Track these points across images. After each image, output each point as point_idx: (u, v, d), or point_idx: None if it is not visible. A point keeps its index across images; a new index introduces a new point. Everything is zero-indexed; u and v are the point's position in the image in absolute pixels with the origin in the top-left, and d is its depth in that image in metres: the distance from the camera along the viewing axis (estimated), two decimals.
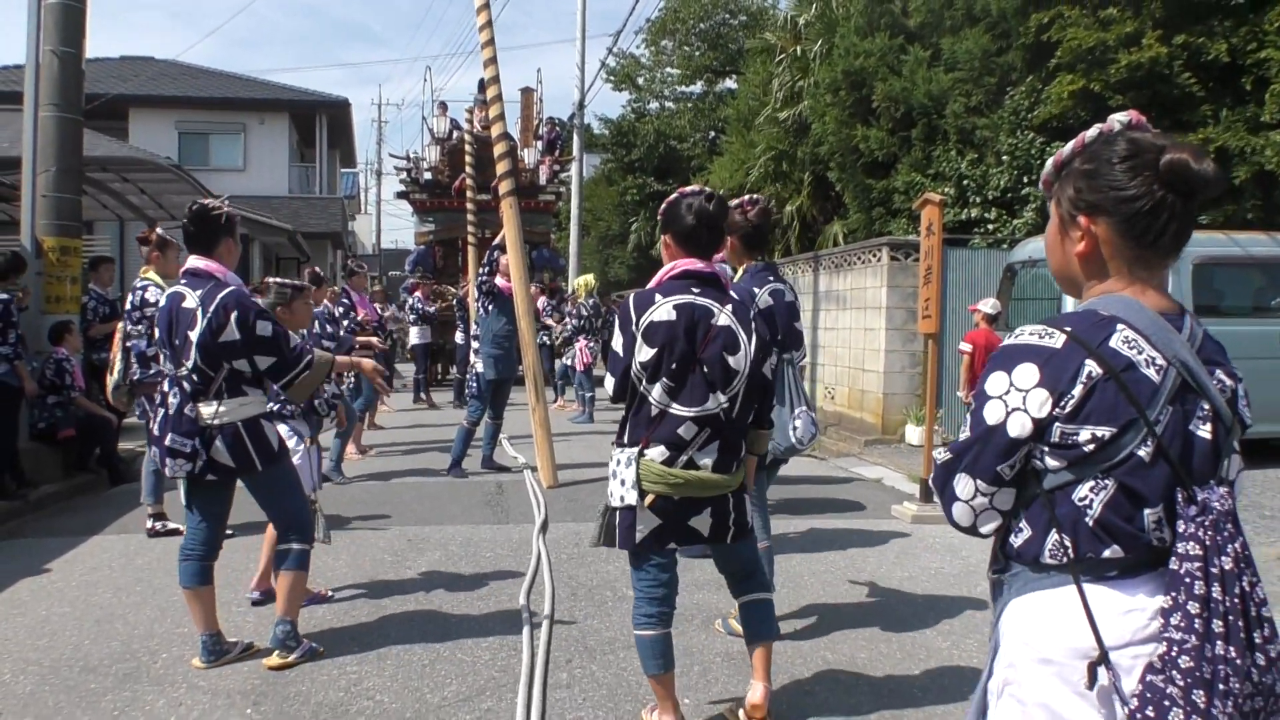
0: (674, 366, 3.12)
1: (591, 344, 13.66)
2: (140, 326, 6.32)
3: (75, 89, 9.13)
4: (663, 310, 3.16)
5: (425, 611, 4.97)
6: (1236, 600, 1.48)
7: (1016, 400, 1.65)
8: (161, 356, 4.28)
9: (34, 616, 4.89)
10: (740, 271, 4.52)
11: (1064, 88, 11.52)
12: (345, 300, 10.36)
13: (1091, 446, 1.60)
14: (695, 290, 3.21)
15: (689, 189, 3.37)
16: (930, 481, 1.86)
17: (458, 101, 35.44)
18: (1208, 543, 1.50)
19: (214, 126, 27.97)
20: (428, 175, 19.89)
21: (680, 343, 3.12)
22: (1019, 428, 1.65)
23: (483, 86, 9.28)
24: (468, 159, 15.72)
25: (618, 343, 3.23)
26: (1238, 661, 1.47)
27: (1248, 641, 1.48)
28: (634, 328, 3.17)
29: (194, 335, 4.02)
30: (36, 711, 3.74)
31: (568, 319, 14.80)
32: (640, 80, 37.17)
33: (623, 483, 3.20)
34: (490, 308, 8.79)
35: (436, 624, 4.77)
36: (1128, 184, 1.64)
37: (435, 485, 8.47)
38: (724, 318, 3.20)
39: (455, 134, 19.75)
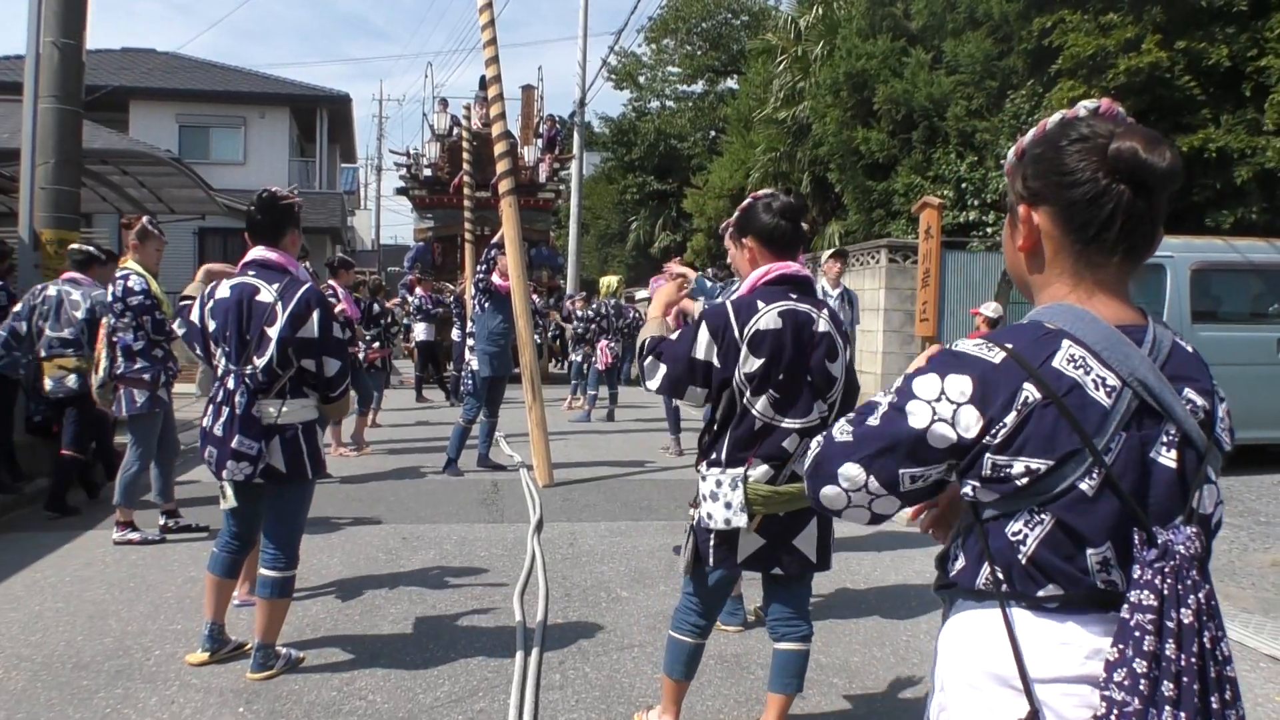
0: (781, 378, 3.00)
1: (613, 344, 13.61)
2: (126, 319, 6.13)
3: (75, 81, 9.12)
4: (768, 318, 3.00)
5: (419, 611, 4.96)
6: (1193, 659, 1.29)
7: (945, 410, 1.46)
8: (218, 350, 4.05)
9: (27, 612, 4.88)
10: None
11: (1065, 94, 11.54)
12: (332, 298, 9.98)
13: (1025, 480, 1.41)
14: (794, 296, 3.08)
15: (762, 192, 3.25)
16: (810, 453, 1.61)
17: (459, 98, 35.35)
18: (1165, 592, 1.31)
19: (215, 120, 27.96)
20: (428, 172, 19.90)
21: (788, 352, 3.00)
22: (939, 440, 1.47)
23: (484, 84, 9.27)
24: (466, 156, 15.71)
25: (703, 349, 2.99)
26: None
27: (1202, 708, 1.29)
28: (736, 336, 2.98)
29: (274, 331, 3.89)
30: (28, 708, 3.73)
31: (575, 319, 14.74)
32: (641, 79, 37.26)
33: (728, 505, 3.01)
34: (487, 305, 8.78)
35: (430, 623, 4.76)
36: (1072, 168, 1.46)
37: (431, 483, 8.46)
38: (823, 324, 3.09)
39: (456, 131, 19.74)
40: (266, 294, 3.94)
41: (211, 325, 4.04)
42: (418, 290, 16.24)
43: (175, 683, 3.99)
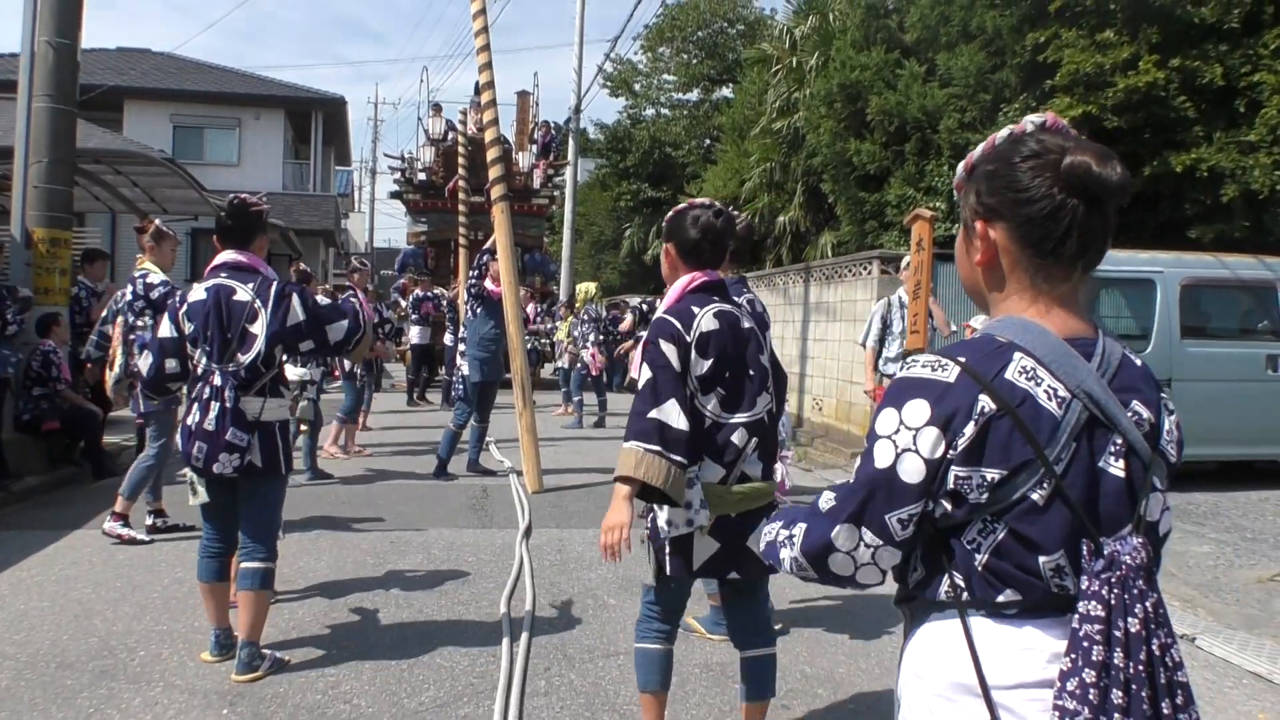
0: (728, 375, 3.05)
1: (601, 351, 13.65)
2: (147, 316, 6.17)
3: (70, 80, 9.11)
4: (707, 320, 3.05)
5: (405, 615, 4.96)
6: (1141, 667, 1.32)
7: (906, 440, 1.48)
8: (198, 351, 4.16)
9: (12, 610, 4.87)
10: None
11: (1061, 110, 11.59)
12: (353, 299, 9.93)
13: (984, 491, 1.45)
14: (716, 299, 3.16)
15: (699, 201, 3.29)
16: (804, 534, 1.60)
17: (455, 102, 35.35)
18: (1112, 603, 1.34)
19: (209, 121, 27.91)
20: (422, 176, 19.89)
21: (730, 349, 3.06)
22: (912, 472, 1.48)
23: (479, 89, 9.30)
24: (461, 161, 15.72)
25: (672, 357, 2.97)
26: None
27: (1153, 713, 1.33)
28: (688, 341, 3.00)
29: (258, 328, 4.10)
30: (11, 707, 3.72)
31: (561, 325, 14.76)
32: (637, 86, 37.32)
33: (689, 504, 2.99)
34: (479, 310, 8.78)
35: (416, 628, 4.76)
36: (1027, 185, 1.49)
37: (420, 487, 8.45)
38: (746, 320, 3.18)
39: (451, 135, 19.76)
40: (243, 293, 4.14)
41: (188, 327, 4.16)
42: (415, 292, 16.16)
43: (159, 683, 3.99)
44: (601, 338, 13.82)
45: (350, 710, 3.80)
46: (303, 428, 8.58)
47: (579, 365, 13.84)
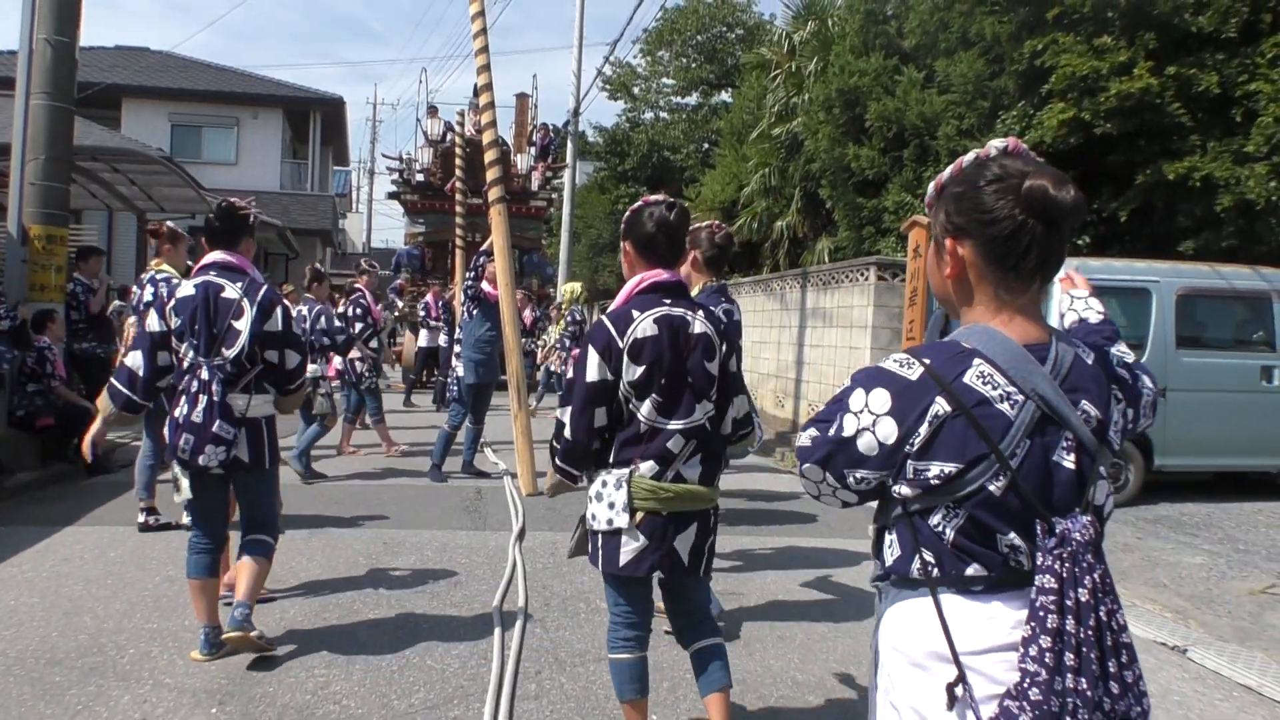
0: (664, 381, 3.05)
1: None
2: None
3: (68, 78, 9.11)
4: (645, 325, 3.06)
5: (397, 616, 4.95)
6: (1090, 631, 1.51)
7: (867, 421, 1.70)
8: (184, 345, 4.24)
9: (2, 606, 4.86)
10: (696, 289, 4.70)
11: (1055, 115, 11.60)
12: (362, 303, 9.96)
13: (939, 481, 1.63)
14: (667, 301, 3.14)
15: (653, 197, 3.29)
16: (797, 449, 1.87)
17: (453, 104, 35.36)
18: (1064, 575, 1.52)
19: (207, 119, 27.90)
20: (420, 176, 19.88)
21: (667, 356, 3.05)
22: (867, 447, 1.70)
23: (478, 91, 9.28)
24: (458, 162, 15.69)
25: (591, 369, 3.05)
26: (1088, 694, 1.50)
27: (1101, 672, 1.52)
28: (620, 347, 3.04)
29: (242, 324, 4.23)
30: None
31: (553, 327, 14.77)
32: (636, 90, 37.31)
33: (611, 505, 3.07)
34: (475, 312, 8.78)
35: (407, 629, 4.75)
36: (991, 206, 1.66)
37: (414, 488, 8.44)
38: (699, 324, 3.14)
39: (449, 136, 19.75)
40: (231, 291, 4.28)
41: (175, 322, 4.26)
42: (427, 298, 16.08)
43: (149, 681, 3.98)
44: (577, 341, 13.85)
45: (339, 711, 3.79)
46: (326, 421, 8.72)
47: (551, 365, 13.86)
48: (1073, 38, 11.74)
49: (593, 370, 3.05)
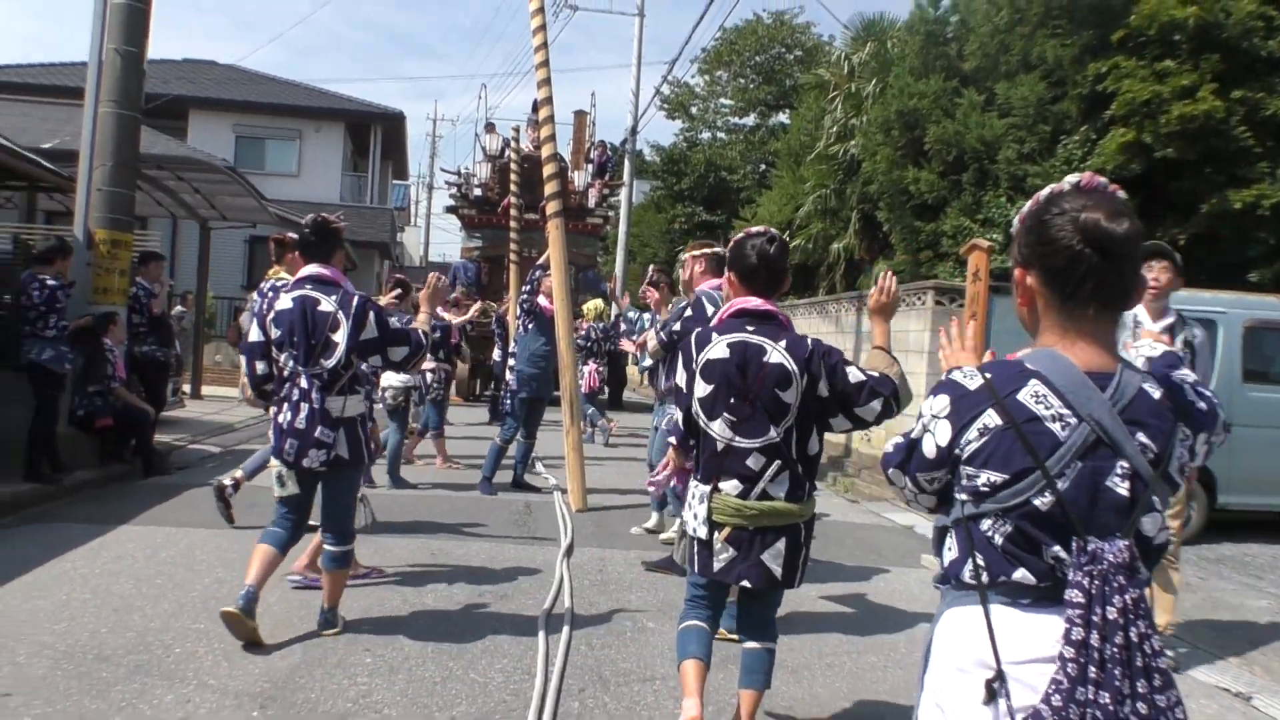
0: (732, 401, 3.27)
1: (600, 368, 13.65)
2: None
3: (135, 87, 9.30)
4: (718, 349, 3.32)
5: (441, 626, 4.93)
6: (1118, 650, 1.56)
7: (930, 424, 1.87)
8: (284, 355, 4.53)
9: (54, 600, 4.91)
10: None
11: (1117, 139, 11.40)
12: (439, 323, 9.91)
13: (986, 489, 1.76)
14: (750, 328, 3.35)
15: (755, 229, 3.53)
16: (883, 456, 2.08)
17: (511, 119, 35.66)
18: (1092, 591, 1.59)
19: (271, 131, 28.41)
20: (478, 191, 20.02)
21: (735, 378, 3.27)
22: (929, 448, 1.87)
23: (536, 106, 9.35)
24: (514, 178, 15.79)
25: (681, 379, 3.43)
26: (1110, 708, 1.55)
27: (1130, 691, 1.56)
28: (694, 365, 3.36)
29: (340, 336, 4.50)
30: (47, 696, 3.74)
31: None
32: (693, 109, 37.38)
33: (695, 516, 3.35)
34: (530, 326, 8.79)
35: (451, 640, 4.72)
36: (1052, 238, 1.76)
37: (464, 499, 8.45)
38: (776, 355, 3.29)
39: (507, 152, 19.89)
40: (327, 304, 4.53)
41: (275, 333, 4.55)
42: (499, 309, 16.15)
43: (193, 681, 3.99)
44: (602, 356, 13.83)
45: None
46: (408, 431, 8.86)
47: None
48: (1135, 62, 11.56)
49: (681, 379, 3.46)
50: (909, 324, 12.00)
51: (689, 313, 5.71)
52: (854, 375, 3.28)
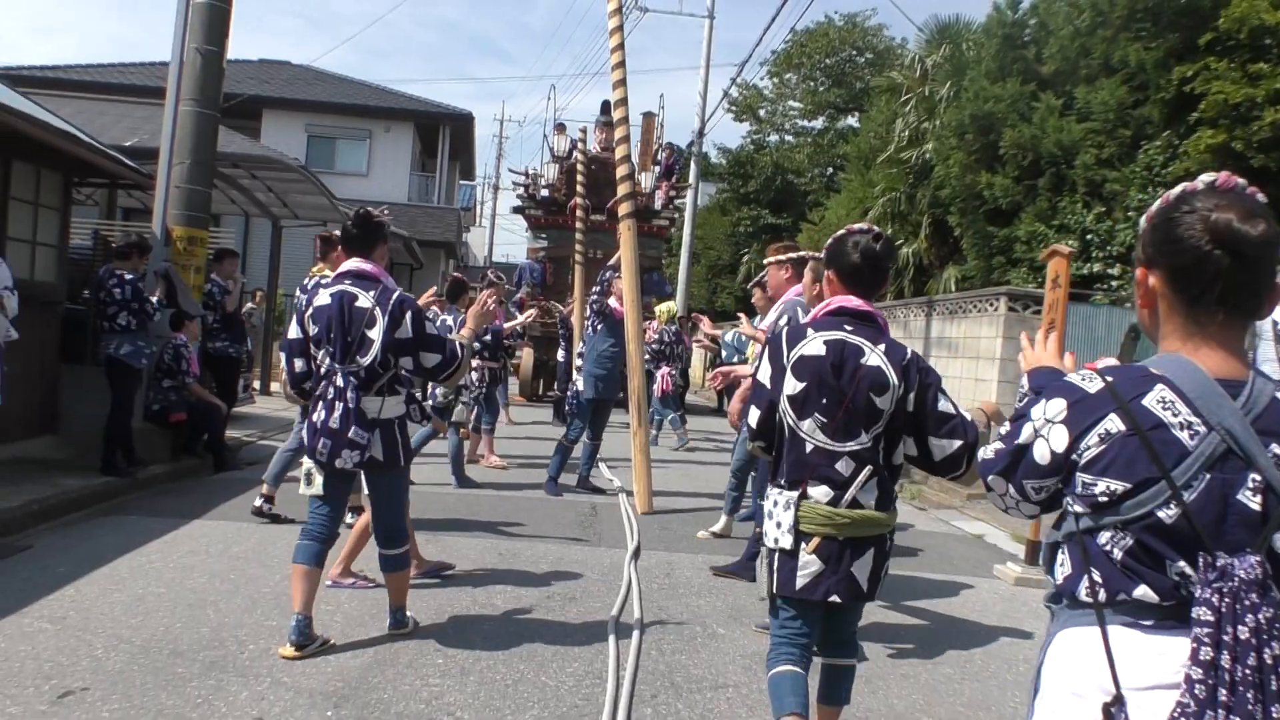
0: (825, 402, 3.07)
1: (672, 371, 13.60)
2: None
3: (215, 86, 9.43)
4: (814, 345, 3.12)
5: (511, 629, 4.90)
6: (1250, 671, 1.45)
7: (1043, 429, 1.76)
8: (321, 352, 4.40)
9: (130, 594, 4.97)
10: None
11: (1203, 142, 11.06)
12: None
13: (1105, 499, 1.65)
14: (848, 328, 3.15)
15: (856, 226, 3.32)
16: (981, 461, 1.95)
17: (578, 121, 35.74)
18: (1223, 610, 1.48)
19: (341, 131, 28.78)
20: (545, 192, 20.07)
21: (829, 377, 3.07)
22: (1041, 454, 1.76)
23: (605, 108, 9.33)
24: (580, 179, 15.79)
25: (764, 374, 3.20)
26: None
27: (1264, 716, 1.45)
28: (784, 361, 3.14)
29: (375, 333, 4.30)
30: (124, 690, 3.76)
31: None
32: (761, 112, 37.21)
33: (779, 525, 3.08)
34: (599, 327, 8.75)
35: (522, 643, 4.68)
36: (1179, 237, 1.66)
37: (529, 500, 8.43)
38: (874, 357, 3.10)
39: (574, 153, 19.92)
40: (365, 300, 4.35)
41: (313, 329, 4.40)
42: (562, 310, 16.18)
43: (267, 679, 3.99)
44: (675, 359, 13.78)
45: None
46: (461, 431, 8.88)
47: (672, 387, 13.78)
48: (1226, 64, 11.22)
49: (763, 375, 3.22)
50: (981, 330, 11.79)
51: (785, 329, 5.56)
52: (944, 404, 3.12)
